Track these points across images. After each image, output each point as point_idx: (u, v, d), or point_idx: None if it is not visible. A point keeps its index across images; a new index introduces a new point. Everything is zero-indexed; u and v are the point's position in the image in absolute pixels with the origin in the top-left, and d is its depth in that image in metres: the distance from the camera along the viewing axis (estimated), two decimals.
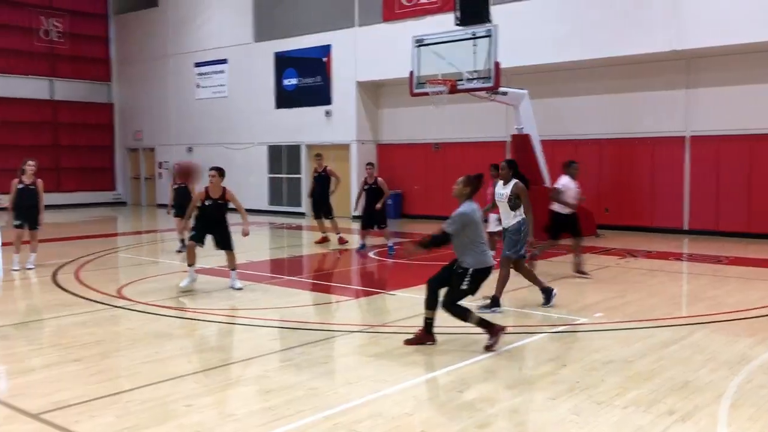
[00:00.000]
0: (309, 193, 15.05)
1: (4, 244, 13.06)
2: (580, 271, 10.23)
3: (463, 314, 6.39)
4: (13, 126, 25.19)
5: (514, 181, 8.17)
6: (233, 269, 9.56)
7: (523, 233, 8.09)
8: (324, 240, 14.49)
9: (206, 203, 9.34)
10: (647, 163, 16.25)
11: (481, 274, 6.37)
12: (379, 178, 13.36)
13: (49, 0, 26.12)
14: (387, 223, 13.38)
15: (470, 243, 6.32)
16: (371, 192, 13.12)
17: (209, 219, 9.37)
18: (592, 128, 16.83)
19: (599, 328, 7.29)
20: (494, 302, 7.97)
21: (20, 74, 25.52)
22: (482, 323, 6.39)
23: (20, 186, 11.20)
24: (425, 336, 6.51)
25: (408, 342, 6.52)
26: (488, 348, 6.28)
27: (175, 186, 13.23)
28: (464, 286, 6.34)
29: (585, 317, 7.74)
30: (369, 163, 13.80)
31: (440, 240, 6.38)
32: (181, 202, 12.74)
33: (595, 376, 5.60)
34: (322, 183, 14.47)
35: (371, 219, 13.17)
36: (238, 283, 9.50)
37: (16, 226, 11.28)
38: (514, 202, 8.09)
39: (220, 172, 9.42)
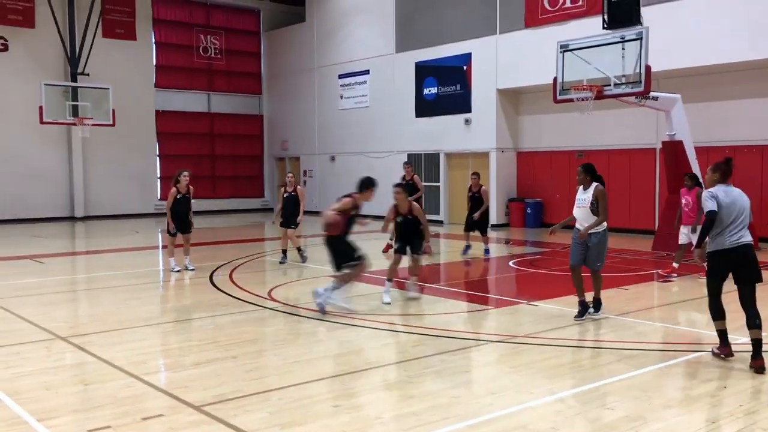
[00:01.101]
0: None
1: (163, 247, 14.14)
2: None
3: (712, 312, 6.26)
4: (177, 137, 27.30)
5: (594, 185, 7.87)
6: (415, 275, 9.76)
7: (605, 243, 7.99)
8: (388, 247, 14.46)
9: (398, 219, 9.68)
10: None
11: (716, 257, 6.11)
12: (483, 187, 13.96)
13: (207, 19, 28.09)
14: (486, 230, 14.27)
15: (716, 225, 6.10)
16: (474, 199, 13.83)
17: (406, 232, 9.68)
18: (753, 133, 15.63)
19: (764, 349, 6.73)
20: (593, 305, 8.12)
21: (182, 89, 27.62)
22: (721, 335, 6.28)
23: (178, 196, 11.80)
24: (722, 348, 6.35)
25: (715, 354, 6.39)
26: (714, 352, 6.33)
27: (286, 194, 12.89)
28: (706, 269, 6.31)
29: (746, 337, 7.18)
30: (475, 173, 14.20)
31: (706, 227, 6.08)
32: (292, 211, 12.73)
33: (761, 400, 5.19)
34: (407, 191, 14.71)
35: (473, 223, 13.85)
36: (413, 293, 9.59)
37: (172, 234, 11.93)
38: (596, 207, 7.80)
39: (404, 188, 9.73)
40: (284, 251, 13.25)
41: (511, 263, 13.02)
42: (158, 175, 26.94)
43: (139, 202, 26.10)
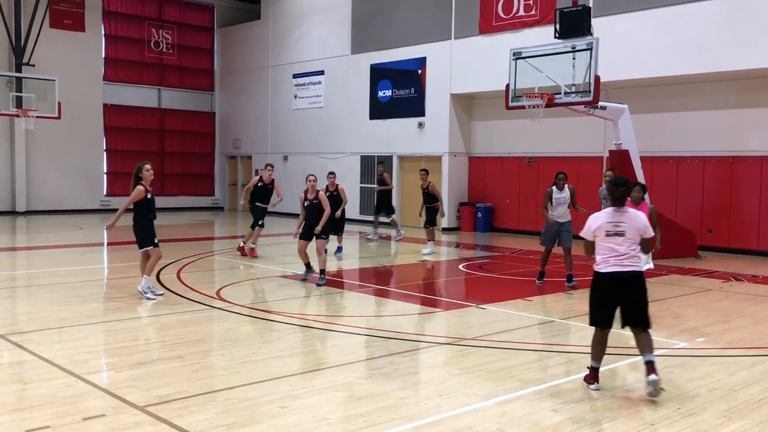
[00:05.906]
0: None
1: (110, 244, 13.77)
2: None
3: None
4: (125, 132, 26.72)
5: (568, 187, 11.06)
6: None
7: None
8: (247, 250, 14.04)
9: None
10: (755, 182, 15.41)
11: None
12: (340, 186, 14.01)
13: (160, 13, 27.59)
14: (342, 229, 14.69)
15: None
16: (333, 197, 13.08)
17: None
18: (696, 145, 16.14)
19: (701, 353, 6.98)
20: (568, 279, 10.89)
21: (132, 83, 27.04)
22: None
23: (149, 195, 9.72)
24: None
25: None
26: None
27: (307, 202, 10.69)
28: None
29: (685, 342, 7.43)
30: (331, 173, 14.26)
31: None
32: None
33: (697, 402, 5.36)
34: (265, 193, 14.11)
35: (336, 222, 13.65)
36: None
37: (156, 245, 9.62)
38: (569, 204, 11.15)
39: None
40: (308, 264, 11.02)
41: (460, 267, 13.15)
42: (105, 170, 26.31)
43: (85, 197, 25.46)
